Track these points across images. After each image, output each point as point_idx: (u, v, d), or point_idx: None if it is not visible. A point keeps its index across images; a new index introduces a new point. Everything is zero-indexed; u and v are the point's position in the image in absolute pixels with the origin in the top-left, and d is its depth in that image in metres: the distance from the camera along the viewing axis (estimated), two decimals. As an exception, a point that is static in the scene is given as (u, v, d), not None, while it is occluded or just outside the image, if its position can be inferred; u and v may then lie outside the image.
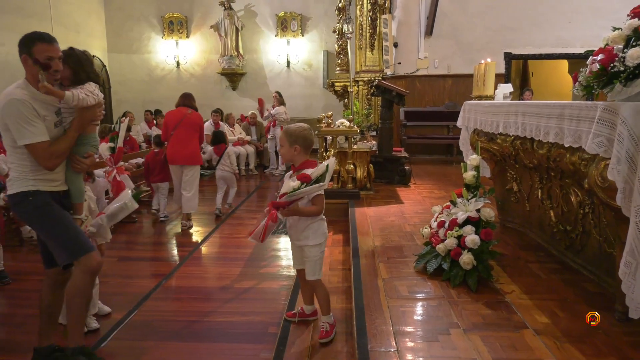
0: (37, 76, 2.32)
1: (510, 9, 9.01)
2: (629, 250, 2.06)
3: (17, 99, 2.29)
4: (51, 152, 2.39)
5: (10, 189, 2.45)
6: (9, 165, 2.51)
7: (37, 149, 2.35)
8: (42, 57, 2.31)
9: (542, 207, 3.52)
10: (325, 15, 11.58)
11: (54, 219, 2.45)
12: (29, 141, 2.32)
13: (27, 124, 2.30)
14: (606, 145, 2.16)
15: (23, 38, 2.36)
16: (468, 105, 4.42)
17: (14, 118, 2.29)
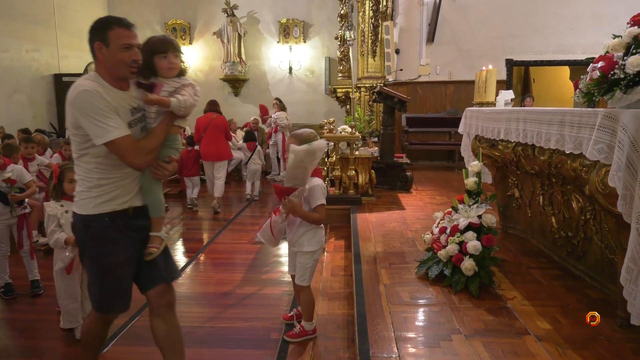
0: (113, 68, 2.00)
1: (511, 16, 9.05)
2: (630, 257, 2.07)
3: (89, 91, 1.92)
4: (140, 148, 2.02)
5: (74, 207, 2.12)
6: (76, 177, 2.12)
7: (122, 144, 1.95)
8: (120, 44, 1.97)
9: (544, 213, 3.53)
10: (328, 22, 11.64)
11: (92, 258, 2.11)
12: (111, 137, 1.92)
13: (104, 118, 1.92)
14: (607, 151, 2.17)
15: (97, 22, 2.01)
16: (469, 111, 4.44)
17: (88, 112, 1.91)
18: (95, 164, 2.01)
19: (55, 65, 10.38)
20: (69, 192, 3.00)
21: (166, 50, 2.10)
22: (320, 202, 2.68)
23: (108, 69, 2.01)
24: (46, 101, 10.24)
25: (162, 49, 2.10)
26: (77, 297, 3.07)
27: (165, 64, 2.10)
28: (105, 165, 2.02)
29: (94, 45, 1.99)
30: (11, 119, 8.88)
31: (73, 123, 1.97)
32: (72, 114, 1.94)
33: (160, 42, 2.13)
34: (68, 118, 2.00)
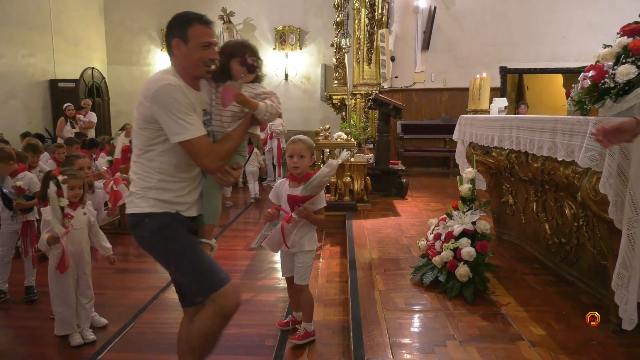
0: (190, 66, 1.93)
1: (505, 24, 9.14)
2: (621, 263, 2.09)
3: (173, 85, 1.85)
4: (216, 151, 1.94)
5: (128, 207, 1.99)
6: (131, 175, 2.01)
7: (199, 144, 1.87)
8: (199, 41, 1.90)
9: (538, 219, 3.56)
10: (324, 29, 11.71)
11: (178, 246, 1.97)
12: (189, 136, 1.85)
13: (184, 115, 1.84)
14: (598, 159, 2.20)
15: (176, 18, 1.94)
16: (464, 119, 4.48)
17: (170, 107, 1.83)
18: (159, 163, 1.93)
19: (51, 71, 10.38)
20: (70, 199, 3.00)
21: (244, 55, 2.03)
22: (323, 205, 2.79)
23: (185, 67, 1.94)
24: (41, 106, 10.23)
25: (239, 52, 2.03)
26: (71, 304, 3.03)
27: (241, 69, 2.03)
28: (168, 165, 1.94)
29: (172, 42, 1.94)
30: (6, 124, 8.85)
31: (147, 116, 1.87)
32: (150, 107, 1.85)
33: (239, 46, 2.06)
34: (141, 111, 1.89)
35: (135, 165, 1.98)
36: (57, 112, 9.98)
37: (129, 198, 1.99)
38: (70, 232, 2.96)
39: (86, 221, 3.11)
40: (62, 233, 2.90)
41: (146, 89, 1.89)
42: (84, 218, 3.09)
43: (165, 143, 1.91)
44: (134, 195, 1.97)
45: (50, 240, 2.89)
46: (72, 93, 10.31)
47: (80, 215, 3.08)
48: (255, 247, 5.08)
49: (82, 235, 3.08)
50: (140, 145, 1.94)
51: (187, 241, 1.99)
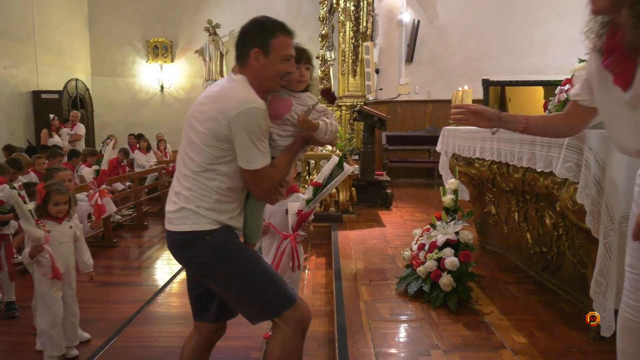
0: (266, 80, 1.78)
1: (487, 38, 9.34)
2: (598, 271, 2.14)
3: (260, 109, 1.69)
4: (275, 181, 1.80)
5: (178, 224, 1.79)
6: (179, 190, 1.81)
7: (263, 175, 1.75)
8: (282, 54, 1.75)
9: (519, 229, 3.62)
10: (309, 42, 11.77)
11: (248, 262, 1.82)
12: (260, 165, 1.72)
13: (260, 142, 1.70)
14: (575, 170, 2.26)
15: (257, 25, 1.77)
16: (447, 130, 4.55)
17: (252, 133, 1.67)
18: (219, 183, 1.76)
19: (34, 82, 10.28)
20: (53, 214, 2.88)
21: (299, 61, 1.89)
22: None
23: (260, 80, 1.78)
24: (24, 118, 10.10)
25: (295, 59, 1.87)
26: (59, 322, 2.84)
27: (295, 76, 1.88)
28: (227, 186, 1.78)
29: (249, 51, 1.75)
30: (-13, 136, 8.74)
31: (220, 135, 1.69)
32: (228, 126, 1.67)
33: (297, 51, 1.89)
34: (213, 127, 1.69)
35: (188, 180, 1.78)
36: (39, 123, 9.86)
37: (180, 214, 1.78)
38: (54, 245, 2.83)
39: (72, 235, 3.00)
40: (42, 237, 2.73)
41: (226, 106, 1.69)
42: (69, 232, 2.98)
43: (230, 164, 1.75)
44: (187, 211, 1.77)
45: (32, 251, 2.74)
46: (55, 104, 10.20)
47: (66, 228, 2.96)
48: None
49: (68, 249, 2.97)
50: (201, 162, 1.74)
51: (254, 257, 1.86)
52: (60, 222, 2.94)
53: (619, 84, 1.55)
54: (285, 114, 1.86)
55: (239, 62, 1.81)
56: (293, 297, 1.83)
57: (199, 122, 1.74)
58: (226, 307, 2.00)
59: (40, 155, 5.91)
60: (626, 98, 1.53)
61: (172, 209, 1.81)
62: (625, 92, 1.53)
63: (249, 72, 1.78)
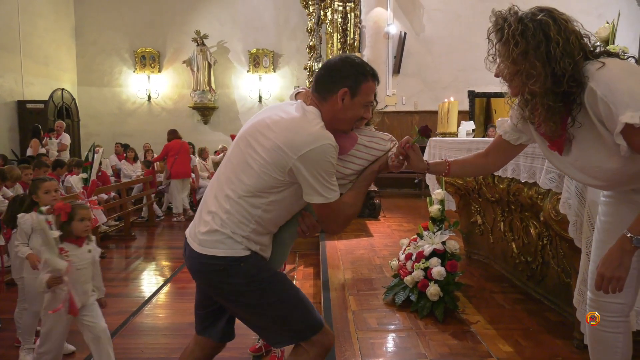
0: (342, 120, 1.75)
1: (472, 50, 9.48)
2: (581, 280, 2.18)
3: (333, 147, 1.64)
4: (346, 215, 1.78)
5: (205, 247, 1.71)
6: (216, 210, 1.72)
7: (335, 208, 1.72)
8: (366, 100, 1.74)
9: (505, 239, 3.67)
10: (297, 53, 11.88)
11: (279, 291, 1.77)
12: (330, 199, 1.68)
13: (330, 177, 1.66)
14: (557, 180, 2.31)
15: (353, 65, 1.73)
16: (433, 141, 4.61)
17: (322, 170, 1.63)
18: (262, 212, 1.70)
19: (19, 92, 10.18)
20: (78, 233, 2.58)
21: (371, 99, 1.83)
22: None
23: (336, 119, 1.73)
24: (8, 128, 9.98)
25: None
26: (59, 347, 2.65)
27: (367, 114, 1.83)
28: (269, 217, 1.73)
29: (338, 90, 1.70)
30: (-30, 146, 8.62)
31: (282, 166, 1.63)
32: (294, 160, 1.61)
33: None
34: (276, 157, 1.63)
35: (230, 203, 1.69)
36: (24, 133, 9.76)
37: (213, 237, 1.70)
38: (73, 272, 2.52)
39: (91, 259, 2.68)
40: (64, 268, 2.45)
41: (298, 141, 1.62)
42: (88, 256, 2.65)
43: (281, 194, 1.70)
44: (220, 235, 1.69)
45: (52, 281, 2.46)
46: (40, 114, 10.11)
47: (85, 252, 2.63)
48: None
49: (85, 275, 2.63)
50: (252, 187, 1.67)
51: (286, 282, 1.84)
52: (81, 244, 2.62)
53: (554, 149, 1.66)
54: (350, 148, 1.82)
55: (320, 95, 1.75)
56: (321, 322, 1.82)
57: (261, 147, 1.67)
58: (232, 327, 2.00)
59: (26, 165, 5.83)
60: (567, 160, 1.65)
61: (204, 230, 1.72)
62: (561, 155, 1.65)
63: (328, 108, 1.73)
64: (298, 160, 1.60)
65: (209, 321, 1.97)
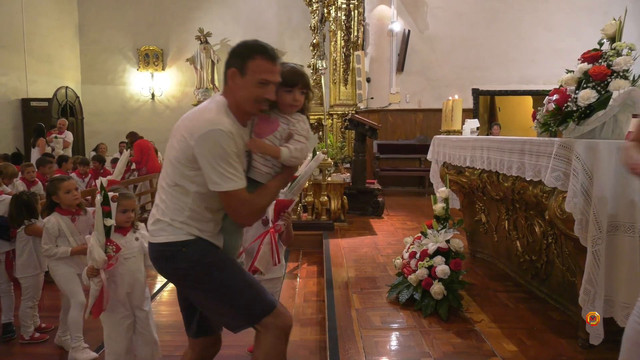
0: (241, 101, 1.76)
1: (476, 49, 9.46)
2: (587, 279, 2.17)
3: (224, 131, 1.67)
4: (253, 206, 1.78)
5: (153, 236, 1.82)
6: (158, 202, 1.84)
7: (235, 198, 1.73)
8: (258, 78, 1.72)
9: (509, 237, 3.65)
10: (300, 51, 11.87)
11: (222, 273, 1.82)
12: (228, 188, 1.70)
13: (227, 165, 1.68)
14: (563, 179, 2.30)
15: (239, 46, 1.76)
16: (437, 139, 4.59)
17: (214, 155, 1.67)
18: (192, 200, 1.77)
19: (23, 90, 10.21)
20: (120, 223, 2.52)
21: (294, 85, 1.86)
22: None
23: (237, 101, 1.76)
24: (12, 126, 10.02)
25: (290, 82, 1.85)
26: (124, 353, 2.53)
27: (288, 99, 1.86)
28: (200, 204, 1.79)
29: (228, 71, 1.76)
30: (-25, 144, 8.66)
31: (188, 155, 1.70)
32: (194, 147, 1.68)
33: (290, 74, 1.86)
34: (183, 147, 1.72)
35: (164, 193, 1.81)
36: (28, 131, 9.79)
37: (156, 226, 1.81)
38: (121, 262, 2.47)
39: (139, 247, 2.59)
40: (102, 262, 2.37)
41: (192, 126, 1.71)
42: (136, 244, 2.58)
43: (202, 186, 1.75)
44: (162, 223, 1.79)
45: (89, 271, 2.39)
46: (44, 112, 10.14)
47: (132, 241, 2.57)
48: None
49: (136, 264, 2.56)
50: (174, 177, 1.77)
51: (232, 266, 1.86)
52: (125, 233, 2.56)
53: None
54: (265, 135, 1.84)
55: (224, 81, 1.82)
56: (272, 304, 1.84)
57: (175, 140, 1.77)
58: (205, 322, 1.99)
59: (29, 163, 5.84)
60: None
61: (151, 221, 1.85)
62: None
63: (228, 92, 1.79)
64: (195, 146, 1.68)
65: (188, 319, 2.01)
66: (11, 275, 3.44)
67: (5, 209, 3.62)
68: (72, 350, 2.99)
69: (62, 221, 3.02)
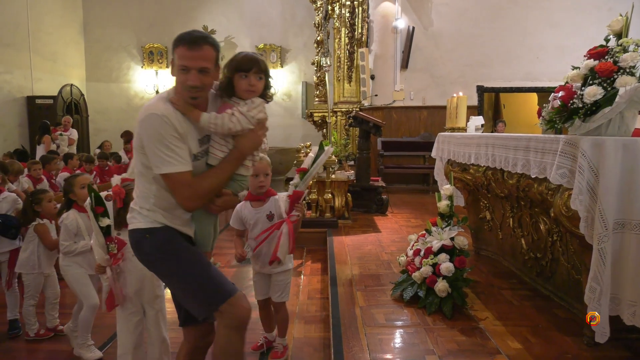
0: (179, 90, 1.83)
1: (480, 45, 9.41)
2: (592, 277, 2.16)
3: (158, 115, 1.74)
4: (195, 189, 1.80)
5: (129, 224, 1.93)
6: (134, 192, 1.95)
7: (176, 181, 1.78)
8: (179, 64, 1.78)
9: (514, 235, 3.63)
10: (304, 48, 11.86)
11: (183, 261, 1.87)
12: (167, 170, 1.76)
13: (165, 148, 1.74)
14: (569, 176, 2.28)
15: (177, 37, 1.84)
16: (442, 136, 4.57)
17: (151, 139, 1.75)
18: (157, 187, 1.85)
19: (28, 88, 10.25)
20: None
21: (248, 69, 1.87)
22: None
23: (177, 89, 1.84)
24: (17, 124, 10.07)
25: (244, 67, 1.87)
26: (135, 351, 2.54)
27: (244, 85, 1.88)
28: (165, 190, 1.85)
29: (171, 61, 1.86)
30: (-19, 142, 8.71)
31: (139, 143, 1.80)
32: (138, 134, 1.79)
33: (244, 60, 1.88)
34: (135, 136, 1.84)
35: (135, 182, 1.93)
36: (33, 129, 9.83)
37: (130, 214, 1.93)
38: (129, 259, 2.44)
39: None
40: (104, 261, 2.41)
41: (138, 116, 1.81)
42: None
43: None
44: (134, 211, 1.91)
45: (96, 269, 2.47)
46: (50, 110, 10.19)
47: None
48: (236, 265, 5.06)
49: None
50: (138, 166, 1.86)
51: (192, 254, 1.90)
52: None
53: None
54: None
55: None
56: (229, 292, 1.86)
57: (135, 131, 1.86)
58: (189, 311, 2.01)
59: (36, 160, 5.87)
60: None
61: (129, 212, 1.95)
62: None
63: (177, 82, 1.84)
64: (139, 132, 1.79)
65: (176, 307, 2.10)
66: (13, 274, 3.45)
67: (8, 207, 3.65)
68: (79, 346, 3.01)
69: (80, 218, 3.04)
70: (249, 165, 1.98)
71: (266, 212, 2.71)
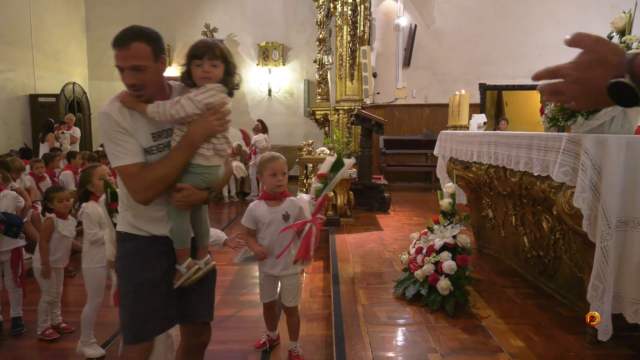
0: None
1: (483, 43, 9.39)
2: (595, 275, 2.15)
3: (102, 113, 1.81)
4: (140, 181, 1.77)
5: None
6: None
7: (124, 174, 1.79)
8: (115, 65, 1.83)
9: (516, 233, 3.63)
10: (307, 46, 11.84)
11: (125, 282, 1.89)
12: (117, 164, 1.77)
13: (112, 143, 1.77)
14: (571, 174, 2.28)
15: None
16: (444, 134, 4.57)
17: (102, 136, 1.82)
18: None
19: (31, 86, 10.27)
20: None
21: (202, 56, 1.81)
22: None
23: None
24: (20, 122, 10.09)
25: (197, 53, 1.82)
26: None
27: (198, 72, 1.82)
28: None
29: None
30: (-16, 140, 8.73)
31: (103, 134, 1.85)
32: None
33: (197, 47, 1.84)
34: None
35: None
36: (36, 127, 9.85)
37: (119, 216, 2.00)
38: None
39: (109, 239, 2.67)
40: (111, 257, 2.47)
41: None
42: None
43: None
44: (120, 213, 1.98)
45: (109, 264, 2.52)
46: (52, 108, 10.20)
47: None
48: (238, 263, 5.06)
49: None
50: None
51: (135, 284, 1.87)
52: None
53: None
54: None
55: None
56: (140, 338, 1.89)
57: None
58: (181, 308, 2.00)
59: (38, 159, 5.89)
60: None
61: None
62: None
63: None
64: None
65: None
66: (16, 273, 3.45)
67: (9, 205, 3.65)
68: (81, 343, 3.02)
69: (99, 207, 3.02)
70: (208, 155, 1.85)
71: (282, 212, 2.69)
